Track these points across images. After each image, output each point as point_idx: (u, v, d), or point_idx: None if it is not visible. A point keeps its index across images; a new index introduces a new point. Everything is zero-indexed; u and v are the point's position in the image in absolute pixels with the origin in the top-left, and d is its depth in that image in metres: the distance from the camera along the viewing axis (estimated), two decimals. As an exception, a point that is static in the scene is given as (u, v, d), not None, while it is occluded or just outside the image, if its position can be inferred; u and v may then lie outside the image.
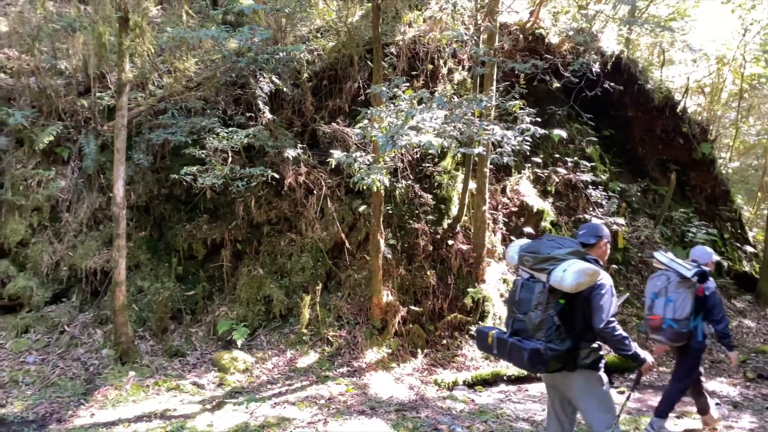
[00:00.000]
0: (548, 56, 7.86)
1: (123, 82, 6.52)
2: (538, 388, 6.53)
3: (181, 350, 6.78)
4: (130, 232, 7.28)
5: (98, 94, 7.68)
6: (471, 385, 6.52)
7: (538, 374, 4.96)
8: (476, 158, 7.04)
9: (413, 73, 8.13)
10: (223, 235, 7.53)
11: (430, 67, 8.19)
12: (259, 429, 5.06)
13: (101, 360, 6.47)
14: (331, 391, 6.06)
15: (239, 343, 6.76)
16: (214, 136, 6.94)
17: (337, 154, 6.32)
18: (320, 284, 7.27)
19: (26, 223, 7.35)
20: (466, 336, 7.22)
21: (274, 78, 7.53)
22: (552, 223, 8.55)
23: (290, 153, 7.37)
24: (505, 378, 6.63)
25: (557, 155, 9.18)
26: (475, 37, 7.15)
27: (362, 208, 7.65)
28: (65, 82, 8.00)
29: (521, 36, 8.39)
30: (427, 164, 7.94)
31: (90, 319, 6.97)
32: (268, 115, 7.57)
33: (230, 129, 7.08)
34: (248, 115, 7.67)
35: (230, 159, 7.07)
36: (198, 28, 8.08)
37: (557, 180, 8.91)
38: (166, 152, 7.59)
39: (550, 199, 8.83)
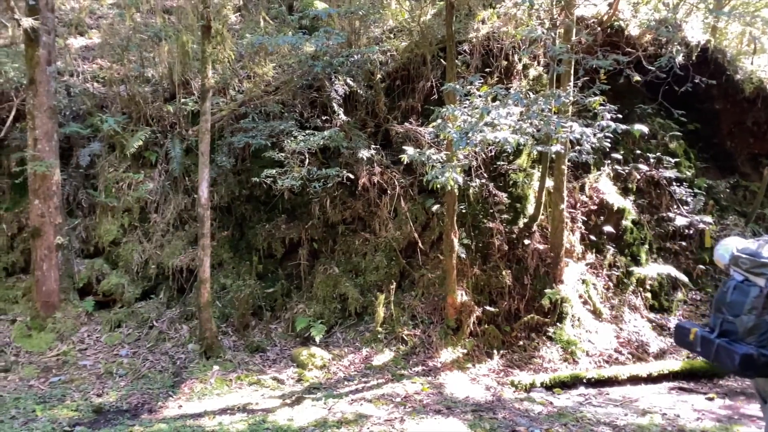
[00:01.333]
0: (629, 49, 7.59)
1: (206, 88, 6.81)
2: (620, 392, 6.32)
3: (261, 346, 7.00)
4: (214, 232, 7.59)
5: (183, 100, 8.04)
6: (549, 387, 6.39)
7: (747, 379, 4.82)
8: (553, 155, 6.88)
9: (487, 70, 8.04)
10: (300, 234, 7.72)
11: (504, 63, 8.08)
12: (337, 425, 5.16)
13: (187, 354, 6.78)
14: (407, 390, 6.09)
15: (317, 339, 6.91)
16: (292, 138, 7.12)
17: (410, 151, 6.35)
18: (394, 283, 7.33)
19: (118, 224, 7.80)
20: (544, 337, 7.08)
21: (348, 80, 7.65)
22: (634, 222, 8.24)
23: (364, 153, 7.46)
24: (584, 381, 6.46)
25: (638, 151, 8.84)
26: (552, 33, 6.99)
27: (435, 207, 7.64)
28: (152, 89, 8.43)
29: (599, 29, 8.13)
30: (502, 162, 7.84)
31: (177, 315, 7.32)
32: (343, 117, 7.70)
33: (307, 131, 7.25)
34: (324, 117, 7.83)
35: (307, 161, 7.24)
36: (275, 34, 8.32)
37: (638, 177, 8.58)
38: (246, 155, 7.87)
39: (631, 197, 8.52)
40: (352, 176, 7.34)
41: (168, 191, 7.92)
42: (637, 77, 6.82)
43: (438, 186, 5.89)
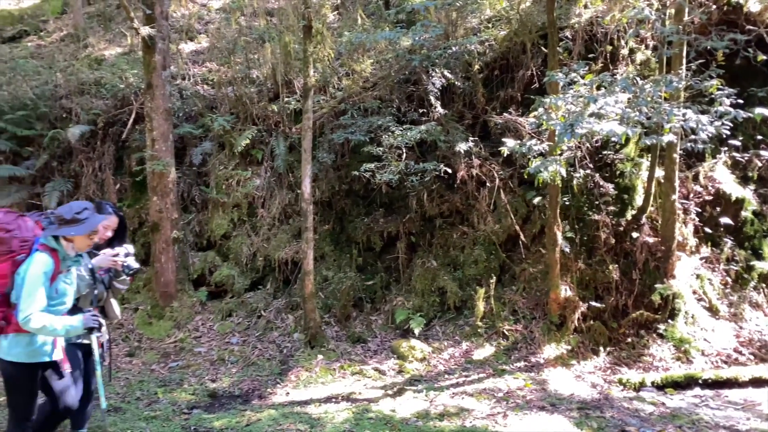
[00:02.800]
0: (749, 27, 7.02)
1: (308, 87, 7.01)
2: (740, 395, 5.90)
3: (362, 337, 7.15)
4: (316, 226, 7.81)
5: (286, 100, 8.33)
6: (660, 386, 6.07)
7: None
8: (664, 145, 6.51)
9: (590, 56, 7.72)
10: (398, 228, 7.80)
11: (609, 48, 7.73)
12: (439, 417, 5.18)
13: (293, 343, 7.05)
14: (509, 385, 6.01)
15: (416, 332, 6.96)
16: (390, 133, 7.19)
17: (510, 143, 6.22)
18: (494, 277, 7.23)
19: (228, 218, 8.23)
20: (654, 335, 6.74)
21: (445, 72, 7.61)
22: (755, 213, 7.65)
23: (462, 146, 7.40)
24: (700, 381, 6.08)
25: (760, 137, 8.17)
26: (661, 14, 6.60)
27: (537, 199, 7.46)
28: (257, 89, 8.80)
29: (714, 7, 7.58)
30: (608, 152, 7.51)
31: (282, 305, 7.62)
32: (440, 110, 7.67)
33: (404, 126, 7.29)
34: (420, 111, 7.84)
35: (404, 155, 7.28)
36: (373, 30, 8.42)
37: (760, 165, 7.93)
38: (345, 151, 8.04)
39: (752, 186, 7.90)
40: (449, 169, 7.31)
41: (273, 187, 8.24)
42: (762, 55, 6.29)
43: (540, 180, 5.74)
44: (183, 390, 5.96)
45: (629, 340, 6.74)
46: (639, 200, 7.42)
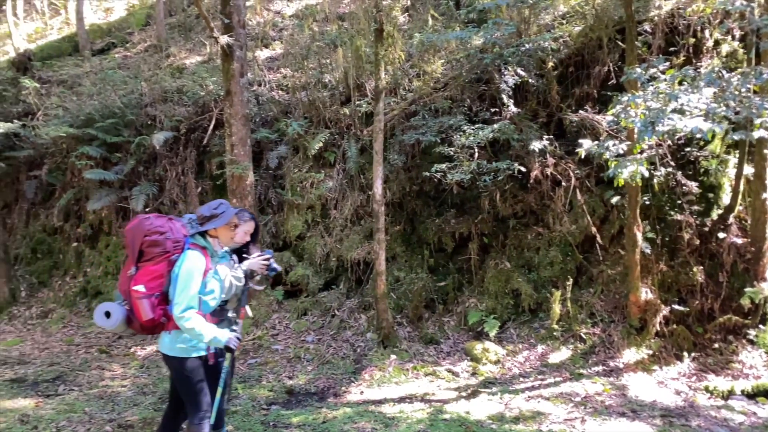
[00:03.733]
0: None
1: (379, 89, 7.08)
2: (842, 407, 5.51)
3: (435, 338, 7.15)
4: (387, 227, 7.88)
5: (357, 102, 8.45)
6: (751, 395, 5.75)
7: None
8: (754, 140, 6.15)
9: (671, 49, 7.41)
10: (469, 228, 7.74)
11: (692, 41, 7.38)
12: (514, 420, 5.11)
13: (366, 342, 7.13)
14: (587, 390, 5.86)
15: (490, 334, 6.89)
16: (461, 133, 7.16)
17: (586, 144, 6.03)
18: (570, 279, 7.06)
19: (302, 220, 8.42)
20: (744, 341, 6.38)
21: (518, 70, 7.50)
22: None
23: (536, 145, 7.27)
24: (796, 392, 5.72)
25: None
26: (751, 2, 6.24)
27: (615, 199, 7.22)
28: (329, 93, 8.97)
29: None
30: (691, 149, 7.18)
31: (355, 305, 7.73)
32: (513, 108, 7.57)
33: (476, 125, 7.24)
34: (492, 110, 7.76)
35: (476, 154, 7.23)
36: (443, 30, 8.41)
37: None
38: (416, 152, 8.06)
39: None
40: (523, 169, 7.19)
41: (345, 189, 8.37)
42: None
43: (620, 180, 5.55)
44: (261, 386, 6.15)
45: (716, 345, 6.41)
46: (726, 199, 7.05)
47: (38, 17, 17.47)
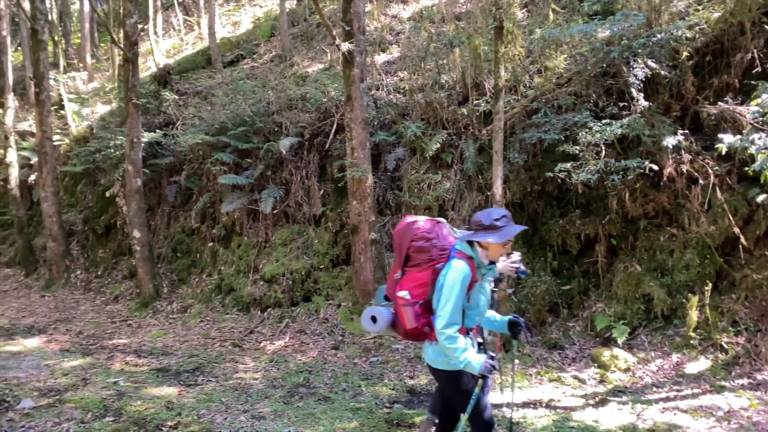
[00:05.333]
0: None
1: (499, 88, 6.97)
2: None
3: (559, 343, 6.91)
4: (508, 228, 7.73)
5: (475, 102, 8.37)
6: None
7: None
8: None
9: (829, 30, 6.67)
10: (596, 230, 7.40)
11: None
12: (648, 433, 4.83)
13: (487, 345, 7.02)
14: (730, 404, 5.39)
15: (619, 341, 6.55)
16: (587, 130, 6.87)
17: (727, 138, 5.60)
18: (709, 284, 6.53)
19: (420, 221, 8.46)
20: None
21: (649, 62, 7.07)
22: None
23: (669, 140, 6.81)
24: None
25: None
26: None
27: (762, 197, 6.58)
28: (447, 94, 8.95)
29: None
30: None
31: (474, 307, 7.64)
32: (643, 103, 7.13)
33: (603, 121, 6.91)
34: (620, 104, 7.37)
35: (603, 152, 6.90)
36: (565, 24, 8.12)
37: None
38: (538, 151, 7.84)
39: None
40: (655, 166, 6.77)
41: (463, 189, 8.32)
42: None
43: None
44: (384, 384, 6.25)
45: None
46: None
47: (175, 34, 18.96)
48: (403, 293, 3.26)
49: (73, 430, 4.91)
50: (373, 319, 3.44)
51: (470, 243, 3.29)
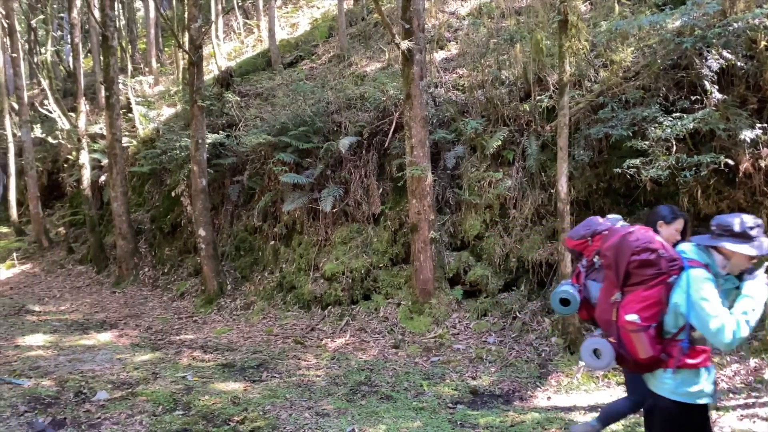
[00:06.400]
0: None
1: (563, 83, 6.80)
2: None
3: (627, 345, 6.68)
4: (572, 226, 7.52)
5: (538, 98, 8.19)
6: None
7: None
8: None
9: None
10: (666, 228, 7.11)
11: None
12: (728, 442, 4.60)
13: (551, 347, 6.88)
14: (814, 413, 5.09)
15: (692, 344, 6.28)
16: (656, 125, 6.61)
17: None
18: (791, 285, 6.18)
19: (480, 219, 8.37)
20: None
21: (724, 53, 6.74)
22: None
23: (746, 134, 6.47)
24: None
25: None
26: None
27: None
28: (507, 90, 8.80)
29: None
30: None
31: (538, 307, 7.50)
32: (717, 95, 6.81)
33: (673, 115, 6.64)
34: (692, 98, 7.05)
35: (674, 148, 6.63)
36: (631, 16, 7.85)
37: None
38: (604, 147, 7.60)
39: None
40: (730, 161, 6.45)
41: (525, 187, 8.16)
42: None
43: None
44: (446, 384, 6.20)
45: None
46: None
47: (235, 37, 19.40)
48: (632, 317, 2.80)
49: (145, 423, 5.08)
50: (596, 352, 2.96)
51: (707, 247, 2.86)
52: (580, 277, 3.41)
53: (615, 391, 5.83)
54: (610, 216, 3.31)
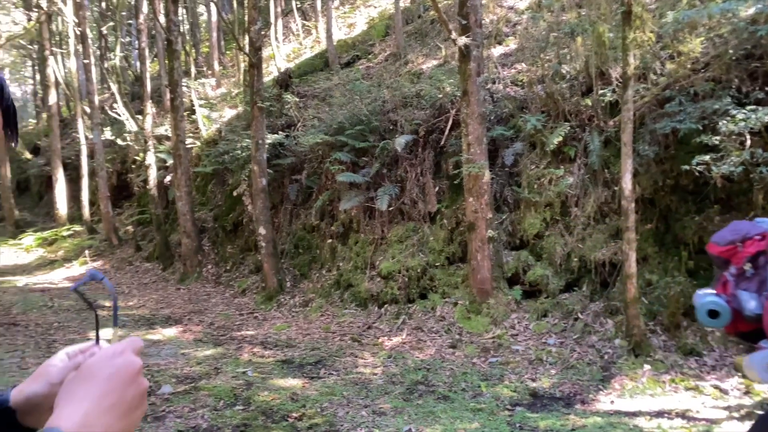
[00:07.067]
0: None
1: (627, 76, 6.56)
2: None
3: (696, 349, 6.39)
4: (636, 225, 7.25)
5: (600, 92, 7.94)
6: None
7: None
8: None
9: None
10: (738, 227, 6.76)
11: None
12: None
13: (614, 349, 6.66)
14: None
15: None
16: (728, 118, 6.28)
17: None
18: None
19: (540, 218, 8.19)
20: None
21: (803, 40, 6.35)
22: None
23: (828, 127, 6.08)
24: None
25: None
26: None
27: None
28: (568, 84, 8.57)
29: None
30: None
31: (600, 308, 7.27)
32: (795, 86, 6.43)
33: (747, 108, 6.30)
34: (767, 89, 6.68)
35: (748, 142, 6.29)
36: (700, 5, 7.49)
37: None
38: (670, 142, 7.29)
39: None
40: (811, 156, 6.07)
41: (587, 185, 7.93)
42: None
43: None
44: (504, 386, 6.10)
45: None
46: None
47: (294, 39, 19.70)
48: None
49: (207, 417, 5.22)
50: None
51: None
52: (727, 286, 3.08)
53: (682, 397, 5.59)
54: (758, 219, 3.01)
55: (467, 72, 8.01)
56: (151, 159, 14.67)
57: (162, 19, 13.87)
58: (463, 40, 7.72)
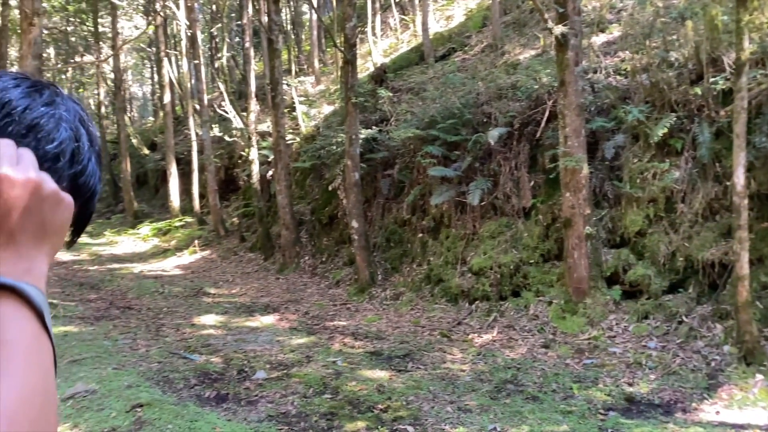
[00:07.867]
0: None
1: (742, 62, 6.04)
2: None
3: (819, 361, 5.81)
4: (751, 223, 6.69)
5: (711, 80, 7.37)
6: None
7: None
8: None
9: None
10: None
11: None
12: None
13: (722, 356, 6.19)
14: None
15: None
16: None
17: None
18: None
19: (643, 214, 7.74)
20: None
21: None
22: None
23: None
24: None
25: None
26: None
27: None
28: (676, 72, 8.03)
29: None
30: None
31: (708, 312, 6.78)
32: None
33: None
34: None
35: None
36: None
37: None
38: (792, 132, 6.66)
39: None
40: None
41: (695, 179, 7.40)
42: None
43: None
44: (598, 389, 5.84)
45: None
46: None
47: (392, 34, 19.84)
48: None
49: (296, 404, 5.39)
50: None
51: None
52: None
53: (801, 413, 5.10)
54: None
55: (564, 61, 7.71)
56: (254, 154, 15.32)
57: (264, 18, 14.42)
58: (559, 29, 7.43)
